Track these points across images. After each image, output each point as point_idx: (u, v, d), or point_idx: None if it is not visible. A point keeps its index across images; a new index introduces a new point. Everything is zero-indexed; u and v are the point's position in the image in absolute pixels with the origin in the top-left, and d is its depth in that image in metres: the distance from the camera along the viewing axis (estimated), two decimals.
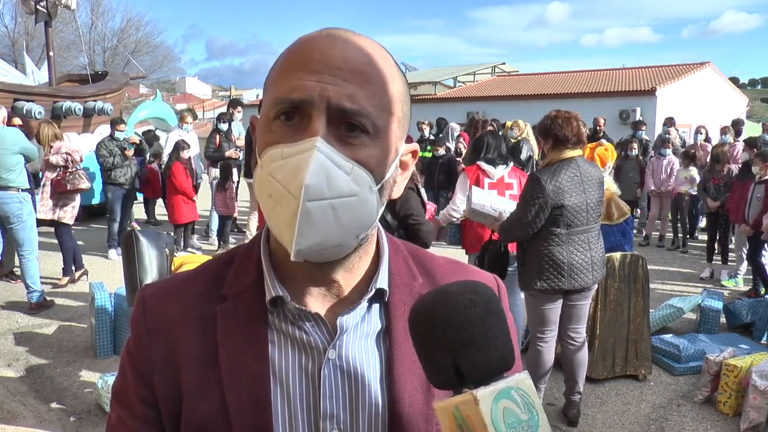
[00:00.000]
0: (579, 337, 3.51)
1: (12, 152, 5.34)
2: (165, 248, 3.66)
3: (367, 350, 0.74)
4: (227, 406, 0.71)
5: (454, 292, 0.61)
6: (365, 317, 0.75)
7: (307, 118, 0.65)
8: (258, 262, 0.76)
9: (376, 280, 0.75)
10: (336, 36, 0.68)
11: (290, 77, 0.66)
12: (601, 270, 3.40)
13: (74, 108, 9.65)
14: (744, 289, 6.64)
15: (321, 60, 0.65)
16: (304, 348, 0.72)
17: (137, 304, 0.80)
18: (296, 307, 0.72)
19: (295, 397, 0.72)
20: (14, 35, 27.80)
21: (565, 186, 3.19)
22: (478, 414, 0.55)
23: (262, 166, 0.67)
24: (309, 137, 0.64)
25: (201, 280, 0.78)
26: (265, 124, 0.68)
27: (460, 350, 0.58)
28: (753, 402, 3.53)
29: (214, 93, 59.58)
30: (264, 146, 0.67)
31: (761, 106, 64.96)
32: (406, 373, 0.73)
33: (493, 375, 0.58)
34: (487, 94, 20.73)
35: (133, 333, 0.78)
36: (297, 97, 0.65)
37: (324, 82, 0.64)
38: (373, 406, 0.73)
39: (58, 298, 5.93)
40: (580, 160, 3.30)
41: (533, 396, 0.57)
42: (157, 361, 0.75)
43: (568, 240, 3.23)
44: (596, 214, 3.35)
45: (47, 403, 3.86)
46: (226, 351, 0.72)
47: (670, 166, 8.46)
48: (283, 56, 0.70)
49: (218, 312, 0.74)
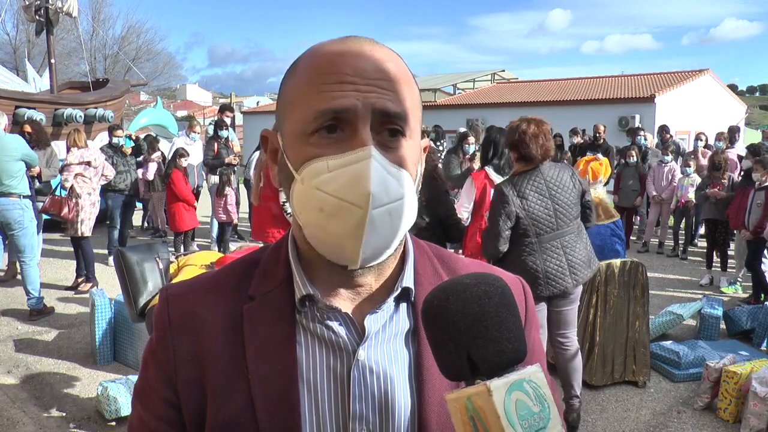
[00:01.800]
0: (569, 343, 3.48)
1: (14, 159, 5.35)
2: (157, 258, 3.64)
3: (396, 351, 0.74)
4: (254, 405, 0.71)
5: (468, 284, 0.61)
6: (393, 317, 0.75)
7: (351, 128, 0.66)
8: (286, 264, 0.76)
9: (402, 278, 0.75)
10: (359, 44, 0.69)
11: (327, 90, 0.66)
12: (584, 271, 3.32)
13: (75, 115, 9.68)
14: (743, 295, 6.65)
15: (355, 70, 0.66)
16: (333, 348, 0.73)
17: (161, 302, 0.79)
18: (327, 305, 0.72)
19: (323, 398, 0.72)
20: (16, 42, 27.92)
21: (529, 195, 3.20)
22: (491, 405, 0.55)
23: (302, 181, 0.67)
24: (358, 147, 0.65)
25: (227, 281, 0.78)
26: (300, 138, 0.68)
27: (474, 342, 0.58)
28: (753, 408, 3.53)
29: (214, 100, 59.66)
30: (302, 160, 0.67)
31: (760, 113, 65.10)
32: (436, 374, 0.72)
33: (506, 367, 0.58)
34: (487, 101, 20.76)
35: (157, 332, 0.78)
36: (341, 108, 0.65)
37: (363, 91, 0.66)
38: (402, 407, 0.73)
39: (58, 305, 5.94)
40: (543, 167, 3.27)
41: (545, 388, 0.58)
42: (180, 361, 0.74)
43: (540, 248, 3.22)
44: (569, 216, 3.28)
45: (47, 409, 3.86)
46: (253, 350, 0.72)
47: (671, 173, 8.48)
48: (307, 70, 0.69)
49: (245, 312, 0.74)
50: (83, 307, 5.79)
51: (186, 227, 7.80)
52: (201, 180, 8.88)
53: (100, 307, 4.54)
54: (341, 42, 0.70)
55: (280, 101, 0.74)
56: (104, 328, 4.54)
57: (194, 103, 51.11)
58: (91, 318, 4.67)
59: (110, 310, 4.58)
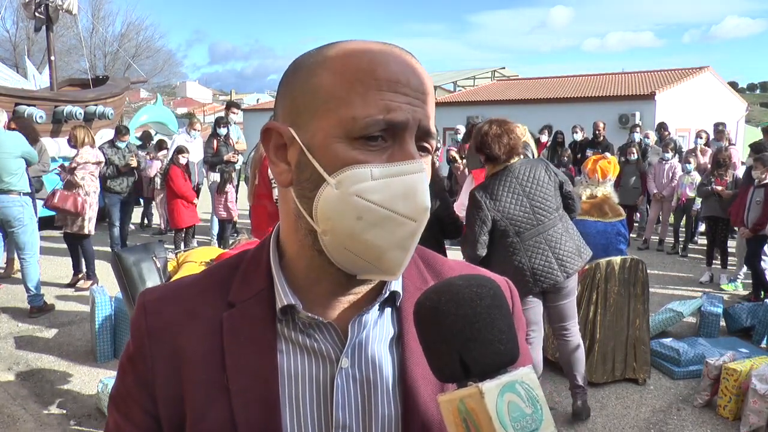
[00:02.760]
0: (569, 335, 3.51)
1: (13, 156, 5.35)
2: (154, 258, 3.64)
3: (380, 357, 0.72)
4: (234, 416, 0.69)
5: (459, 286, 0.61)
6: (378, 322, 0.73)
7: (399, 140, 0.65)
8: (267, 270, 0.74)
9: (389, 283, 0.73)
10: (400, 52, 0.68)
11: (383, 98, 0.64)
12: (575, 261, 3.31)
13: (75, 112, 9.66)
14: (743, 292, 6.65)
15: (407, 81, 0.65)
16: (315, 356, 0.71)
17: (138, 309, 0.77)
18: (308, 316, 0.70)
19: (305, 407, 0.70)
20: (16, 39, 27.86)
21: (502, 196, 3.20)
22: (483, 407, 0.55)
23: (337, 186, 0.63)
24: (406, 160, 0.64)
25: (206, 286, 0.76)
26: (340, 140, 0.64)
27: (466, 344, 0.58)
28: (753, 406, 3.53)
29: (214, 97, 59.65)
30: (340, 164, 0.64)
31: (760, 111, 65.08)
32: (420, 380, 0.72)
33: (498, 368, 0.58)
34: (487, 99, 20.77)
35: (134, 339, 0.75)
36: (399, 121, 0.64)
37: (414, 105, 0.65)
38: (386, 415, 0.71)
39: (58, 302, 5.94)
40: (513, 166, 3.27)
41: (537, 390, 0.58)
42: (159, 370, 0.72)
43: (523, 246, 3.22)
44: (548, 209, 3.26)
45: (47, 406, 3.86)
46: (233, 359, 0.70)
47: (671, 171, 8.48)
48: (351, 69, 0.65)
49: (224, 319, 0.72)
50: (83, 305, 5.79)
51: (185, 224, 7.80)
52: (201, 177, 8.87)
53: (100, 304, 4.54)
54: (386, 48, 0.67)
55: (305, 95, 0.67)
56: (104, 326, 4.54)
57: (194, 101, 51.10)
58: (92, 315, 4.67)
59: (110, 308, 4.58)
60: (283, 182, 0.69)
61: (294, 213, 0.69)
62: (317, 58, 0.68)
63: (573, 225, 3.44)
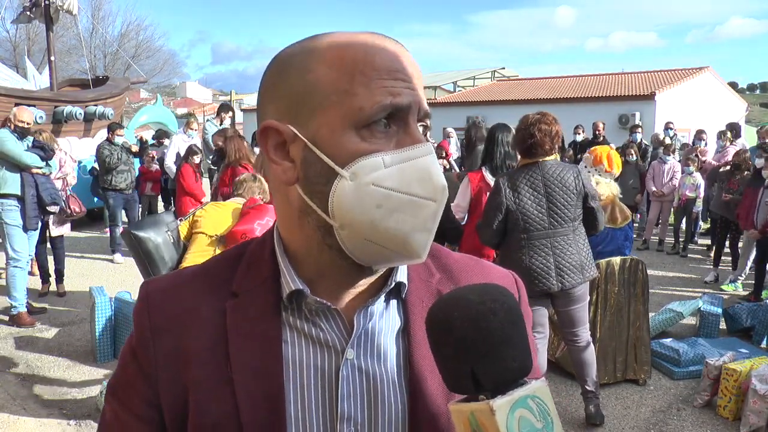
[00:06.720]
0: (579, 339, 3.50)
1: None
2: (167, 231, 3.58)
3: (386, 349, 0.72)
4: (238, 406, 0.68)
5: (474, 301, 0.59)
6: (383, 314, 0.73)
7: (404, 124, 0.66)
8: (272, 258, 0.73)
9: (395, 274, 0.73)
10: (393, 42, 0.69)
11: (385, 85, 0.64)
12: (574, 276, 3.26)
13: (75, 112, 9.67)
14: (743, 293, 6.64)
15: (402, 66, 0.66)
16: (321, 346, 0.71)
17: (141, 299, 0.76)
18: (317, 301, 0.69)
19: (309, 398, 0.70)
20: (16, 40, 27.86)
21: (522, 189, 3.20)
22: (493, 423, 0.55)
23: (352, 178, 0.63)
24: (414, 143, 0.65)
25: (209, 276, 0.76)
26: (347, 132, 0.64)
27: (479, 360, 0.57)
28: (753, 406, 3.53)
29: (214, 97, 59.61)
30: (352, 156, 0.63)
31: (760, 111, 65.08)
32: (426, 373, 0.71)
33: (510, 383, 0.58)
34: (487, 99, 20.78)
35: (137, 331, 0.75)
36: (402, 105, 0.65)
37: (411, 88, 0.66)
38: (392, 407, 0.71)
39: (57, 302, 5.93)
40: (545, 164, 3.25)
41: (549, 403, 0.58)
42: (161, 361, 0.72)
43: (529, 244, 3.22)
44: (565, 217, 3.24)
45: (47, 407, 3.86)
46: (237, 349, 0.70)
47: (671, 171, 8.48)
48: (347, 60, 0.65)
49: (228, 309, 0.71)
50: (83, 305, 5.79)
51: None
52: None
53: (100, 304, 4.54)
54: (370, 35, 0.68)
55: (302, 92, 0.66)
56: (104, 326, 4.54)
57: (194, 101, 51.07)
58: (91, 315, 4.68)
59: (110, 308, 4.58)
60: (288, 180, 0.67)
61: (299, 210, 0.68)
62: (304, 53, 0.67)
63: (586, 241, 3.38)
